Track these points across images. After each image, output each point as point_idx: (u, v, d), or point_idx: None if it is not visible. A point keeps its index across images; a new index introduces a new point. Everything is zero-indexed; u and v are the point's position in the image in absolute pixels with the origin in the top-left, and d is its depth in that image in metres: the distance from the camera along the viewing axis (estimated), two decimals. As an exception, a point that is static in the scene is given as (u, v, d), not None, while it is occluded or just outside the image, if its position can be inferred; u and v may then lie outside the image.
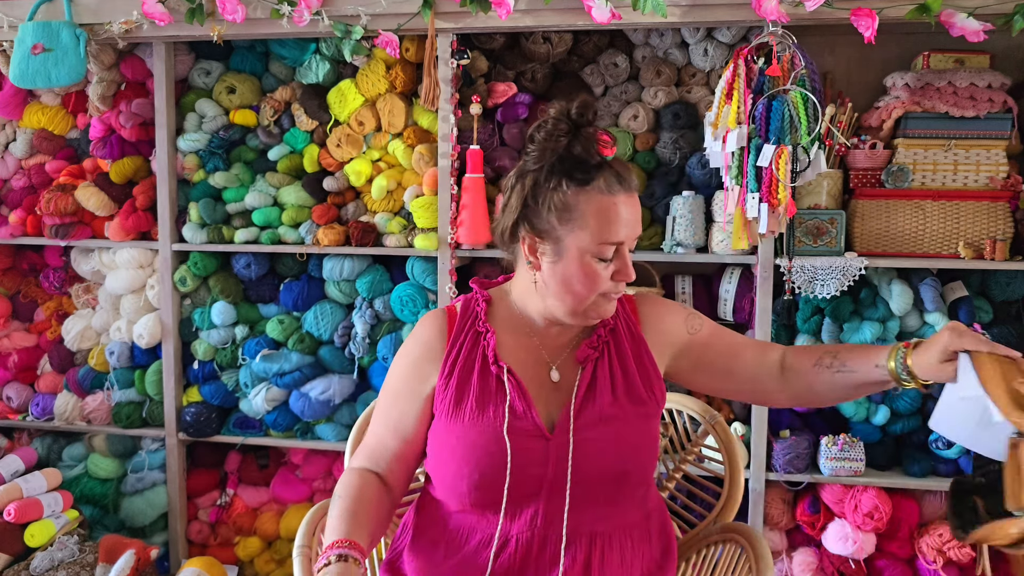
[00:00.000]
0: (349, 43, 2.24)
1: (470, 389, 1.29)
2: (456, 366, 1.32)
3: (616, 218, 1.23)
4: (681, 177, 2.37)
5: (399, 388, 1.36)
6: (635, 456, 1.29)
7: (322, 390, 2.51)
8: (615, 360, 1.33)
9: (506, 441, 1.24)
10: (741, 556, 1.43)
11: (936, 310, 2.23)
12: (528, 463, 1.25)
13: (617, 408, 1.29)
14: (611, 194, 1.23)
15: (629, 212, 1.25)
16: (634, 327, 1.38)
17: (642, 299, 1.42)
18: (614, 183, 1.24)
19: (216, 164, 2.53)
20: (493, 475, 1.25)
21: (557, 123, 1.24)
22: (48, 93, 2.63)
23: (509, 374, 1.29)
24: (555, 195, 1.24)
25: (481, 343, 1.33)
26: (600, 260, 1.25)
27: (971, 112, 2.19)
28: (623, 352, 1.34)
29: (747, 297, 2.32)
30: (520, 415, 1.27)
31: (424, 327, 1.38)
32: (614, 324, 1.36)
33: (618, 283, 1.27)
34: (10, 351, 2.78)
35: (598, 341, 1.34)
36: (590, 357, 1.32)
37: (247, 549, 2.67)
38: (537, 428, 1.26)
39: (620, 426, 1.28)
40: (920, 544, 2.29)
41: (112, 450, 2.72)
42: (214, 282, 2.57)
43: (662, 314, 1.41)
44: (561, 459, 1.25)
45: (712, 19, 2.11)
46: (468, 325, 1.36)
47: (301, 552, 1.36)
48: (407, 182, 2.43)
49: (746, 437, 2.30)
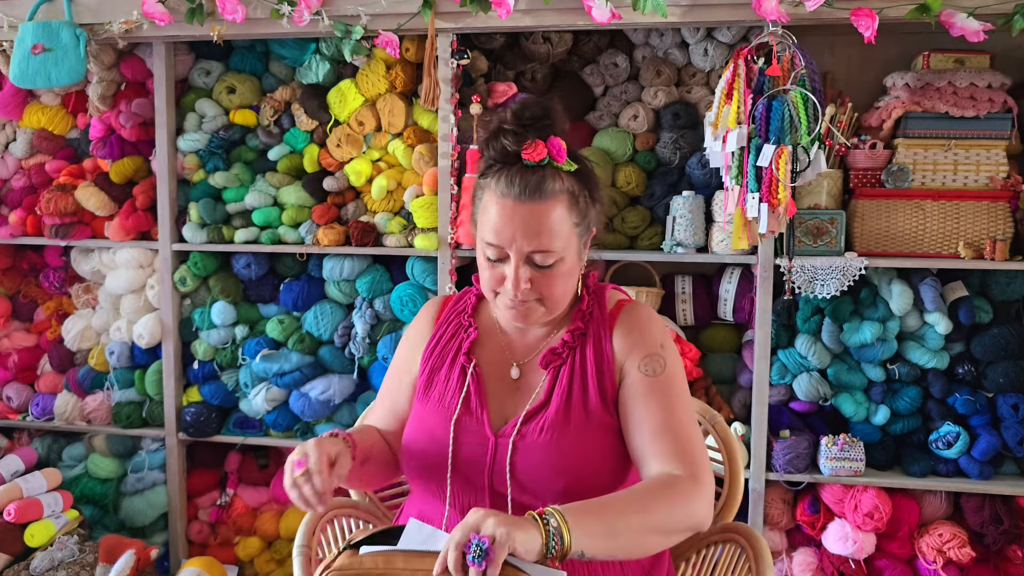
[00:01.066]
0: (349, 43, 2.24)
1: (439, 378, 1.35)
2: (434, 352, 1.37)
3: (496, 221, 1.21)
4: (681, 177, 2.37)
5: (400, 369, 1.42)
6: (580, 467, 1.24)
7: (322, 390, 2.51)
8: (577, 369, 1.29)
9: (450, 431, 1.28)
10: (741, 556, 1.43)
11: (936, 310, 2.23)
12: (470, 457, 1.27)
13: (565, 420, 1.25)
14: (500, 196, 1.21)
15: (517, 220, 1.19)
16: (605, 335, 1.31)
17: (628, 309, 1.34)
18: (509, 187, 1.20)
19: (216, 164, 2.53)
20: (436, 461, 1.29)
21: (503, 118, 1.24)
22: (48, 93, 2.63)
23: (475, 368, 1.32)
24: (476, 177, 1.29)
25: (460, 335, 1.37)
26: (488, 258, 1.24)
27: (971, 112, 2.19)
28: (586, 360, 1.30)
29: (747, 297, 2.32)
30: (471, 409, 1.30)
31: (421, 312, 1.46)
32: (585, 328, 1.32)
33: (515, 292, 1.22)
34: (10, 351, 2.77)
35: (563, 347, 1.31)
36: (552, 363, 1.30)
37: (247, 549, 2.67)
38: (482, 425, 1.29)
39: (564, 439, 1.24)
40: (920, 544, 2.29)
41: (112, 450, 2.72)
42: (214, 282, 2.57)
43: (632, 331, 1.31)
44: (501, 460, 1.26)
45: (712, 19, 2.11)
46: (454, 316, 1.40)
47: (301, 552, 1.36)
48: (407, 182, 2.43)
49: (746, 437, 2.30)
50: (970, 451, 2.24)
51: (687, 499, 1.16)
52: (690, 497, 1.16)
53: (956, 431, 2.23)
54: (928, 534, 2.28)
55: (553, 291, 1.24)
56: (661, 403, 1.25)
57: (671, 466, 1.19)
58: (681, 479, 1.17)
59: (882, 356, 2.27)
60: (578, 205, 1.25)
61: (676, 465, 1.19)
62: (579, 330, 1.32)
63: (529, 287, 1.22)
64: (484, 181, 1.25)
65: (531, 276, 1.22)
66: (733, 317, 2.37)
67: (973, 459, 2.23)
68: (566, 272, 1.25)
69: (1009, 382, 2.23)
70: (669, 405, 1.25)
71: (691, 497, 1.16)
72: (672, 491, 1.16)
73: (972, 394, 2.26)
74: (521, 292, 1.22)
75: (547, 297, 1.25)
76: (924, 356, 2.26)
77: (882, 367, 2.29)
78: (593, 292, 1.36)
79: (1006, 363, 2.24)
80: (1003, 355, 2.23)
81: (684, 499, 1.16)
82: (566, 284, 1.27)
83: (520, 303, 1.25)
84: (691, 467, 1.19)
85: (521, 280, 1.22)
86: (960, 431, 2.23)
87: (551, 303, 1.26)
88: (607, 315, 1.33)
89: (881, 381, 2.30)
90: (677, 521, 1.15)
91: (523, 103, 1.24)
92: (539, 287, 1.23)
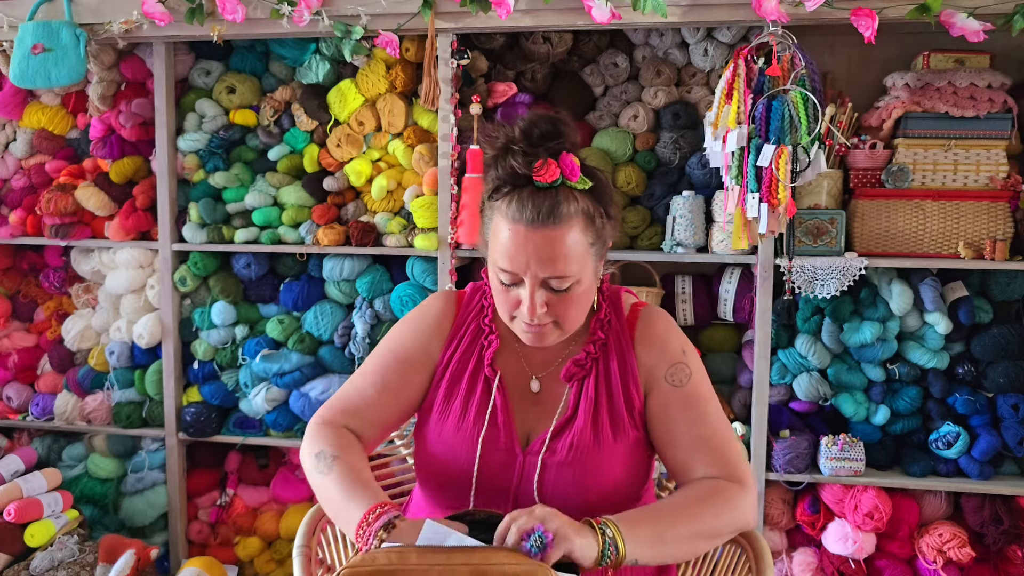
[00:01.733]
0: (349, 43, 2.24)
1: (459, 389, 1.29)
2: (453, 359, 1.31)
3: (508, 247, 1.15)
4: (681, 177, 2.37)
5: (399, 351, 1.32)
6: (607, 482, 1.23)
7: (322, 390, 2.51)
8: (602, 381, 1.27)
9: (478, 448, 1.24)
10: (741, 556, 1.43)
11: (936, 310, 2.23)
12: (495, 475, 1.24)
13: (594, 435, 1.23)
14: (512, 221, 1.14)
15: (530, 247, 1.14)
16: (627, 344, 1.29)
17: (645, 316, 1.32)
18: (521, 211, 1.14)
19: (216, 164, 2.53)
20: (461, 480, 1.24)
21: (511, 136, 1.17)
22: (48, 93, 2.63)
23: (499, 382, 1.27)
24: (484, 197, 1.22)
25: (481, 342, 1.31)
26: (501, 282, 1.19)
27: (971, 112, 2.19)
28: (610, 372, 1.27)
29: (747, 297, 2.32)
30: (498, 425, 1.25)
31: (434, 303, 1.36)
32: (606, 339, 1.29)
33: (531, 318, 1.18)
34: (10, 351, 2.77)
35: (586, 358, 1.27)
36: (576, 376, 1.27)
37: (247, 549, 2.67)
38: (511, 443, 1.25)
39: (593, 453, 1.22)
40: (920, 544, 2.29)
41: (112, 450, 2.72)
42: (214, 282, 2.57)
43: (654, 341, 1.29)
44: (528, 478, 1.23)
45: (712, 19, 2.11)
46: (471, 318, 1.34)
47: (301, 552, 1.36)
48: (407, 182, 2.43)
49: (746, 437, 2.30)
50: (970, 451, 2.24)
51: (733, 504, 1.19)
52: (736, 502, 1.20)
53: (956, 431, 2.23)
54: (928, 534, 2.28)
55: (569, 313, 1.20)
56: (694, 414, 1.25)
57: (713, 472, 1.21)
58: (725, 484, 1.20)
59: (882, 356, 2.27)
60: (594, 225, 1.19)
61: (718, 471, 1.21)
62: (600, 341, 1.28)
63: (545, 311, 1.18)
64: (493, 203, 1.18)
65: (547, 300, 1.18)
66: (733, 317, 2.37)
67: (973, 459, 2.23)
68: (583, 294, 1.21)
69: (1009, 382, 2.23)
70: (702, 414, 1.25)
71: (737, 501, 1.20)
72: (719, 497, 1.19)
73: (972, 394, 2.26)
74: (537, 317, 1.18)
75: (563, 320, 1.20)
76: (924, 356, 2.26)
77: (882, 367, 2.29)
78: (608, 297, 1.33)
79: (1006, 363, 2.24)
80: (1003, 355, 2.23)
81: (731, 504, 1.19)
82: (583, 305, 1.23)
83: (536, 327, 1.20)
84: (734, 471, 1.22)
85: (537, 306, 1.17)
86: (960, 431, 2.23)
87: (568, 325, 1.22)
88: (624, 322, 1.31)
89: (881, 381, 2.30)
90: (724, 524, 1.19)
91: (532, 120, 1.17)
92: (555, 311, 1.19)
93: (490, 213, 1.20)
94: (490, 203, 1.20)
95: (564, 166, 1.15)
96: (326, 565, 1.45)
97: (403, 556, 1.02)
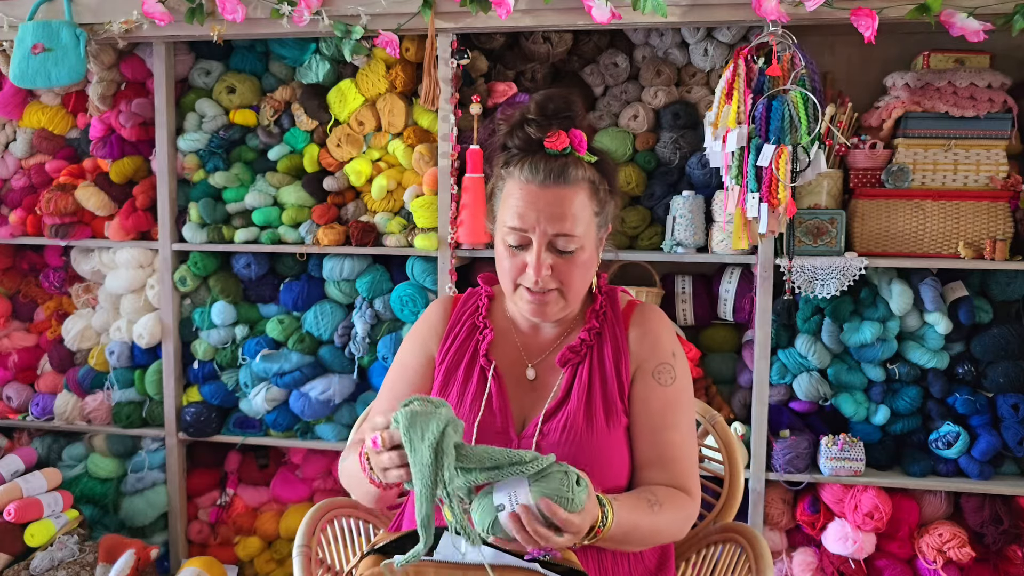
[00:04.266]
0: (349, 43, 2.24)
1: (456, 379, 1.34)
2: (449, 353, 1.36)
3: (520, 205, 1.24)
4: (681, 177, 2.37)
5: (406, 362, 1.41)
6: (600, 464, 1.26)
7: (322, 390, 2.51)
8: (595, 366, 1.32)
9: (474, 433, 1.28)
10: (741, 556, 1.43)
11: (936, 310, 2.23)
12: None
13: (587, 418, 1.28)
14: (525, 182, 1.24)
15: (540, 204, 1.23)
16: (621, 334, 1.34)
17: (641, 309, 1.37)
18: (533, 173, 1.23)
19: (216, 164, 2.53)
20: None
21: (526, 109, 1.27)
22: (48, 93, 2.63)
23: (495, 370, 1.32)
24: (496, 170, 1.30)
25: (476, 336, 1.37)
26: (509, 246, 1.26)
27: (971, 112, 2.19)
28: (604, 358, 1.32)
29: (747, 297, 2.32)
30: (493, 411, 1.30)
31: (431, 309, 1.45)
32: (600, 327, 1.34)
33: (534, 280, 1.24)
34: (10, 351, 2.77)
35: (581, 345, 1.33)
36: (570, 361, 1.32)
37: (247, 549, 2.67)
38: (506, 427, 1.29)
39: (586, 436, 1.27)
40: (920, 544, 2.29)
41: (112, 450, 2.72)
42: (214, 282, 2.57)
43: (648, 334, 1.34)
44: None
45: (712, 19, 2.11)
46: (466, 316, 1.40)
47: (301, 552, 1.36)
48: (407, 182, 2.43)
49: (746, 437, 2.30)
50: (970, 451, 2.24)
51: (688, 513, 1.28)
52: (689, 512, 1.28)
53: (956, 431, 2.23)
54: (928, 534, 2.28)
55: (572, 280, 1.26)
56: (667, 418, 1.30)
57: (666, 477, 1.28)
58: (680, 493, 1.27)
59: (882, 356, 2.27)
60: (598, 195, 1.28)
61: (671, 478, 1.28)
62: (595, 329, 1.34)
63: (550, 273, 1.24)
64: (506, 171, 1.28)
65: (552, 262, 1.24)
66: (733, 317, 2.38)
67: (973, 459, 2.23)
68: (585, 261, 1.27)
69: (1009, 382, 2.23)
70: (674, 421, 1.30)
71: (690, 512, 1.29)
72: (680, 502, 1.26)
73: (972, 394, 2.27)
74: (542, 279, 1.24)
75: (566, 286, 1.26)
76: (924, 356, 2.26)
77: (882, 367, 2.30)
78: (605, 293, 1.38)
79: (1006, 363, 2.24)
80: (1003, 355, 2.23)
81: (686, 512, 1.28)
82: (584, 275, 1.29)
83: (539, 294, 1.26)
84: (685, 483, 1.29)
85: (543, 265, 1.23)
86: (960, 431, 2.23)
87: (570, 294, 1.28)
88: (620, 314, 1.36)
89: (881, 381, 2.30)
90: (677, 530, 1.27)
91: (547, 95, 1.27)
92: (559, 274, 1.25)
93: (501, 183, 1.29)
94: (503, 172, 1.29)
95: (573, 138, 1.24)
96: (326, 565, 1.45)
97: (420, 572, 1.05)
